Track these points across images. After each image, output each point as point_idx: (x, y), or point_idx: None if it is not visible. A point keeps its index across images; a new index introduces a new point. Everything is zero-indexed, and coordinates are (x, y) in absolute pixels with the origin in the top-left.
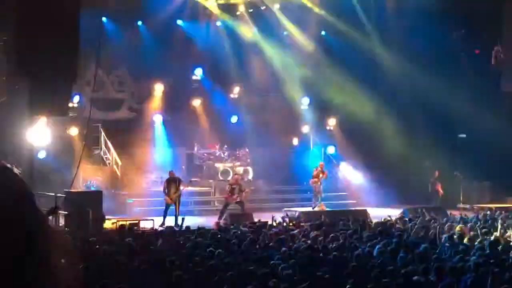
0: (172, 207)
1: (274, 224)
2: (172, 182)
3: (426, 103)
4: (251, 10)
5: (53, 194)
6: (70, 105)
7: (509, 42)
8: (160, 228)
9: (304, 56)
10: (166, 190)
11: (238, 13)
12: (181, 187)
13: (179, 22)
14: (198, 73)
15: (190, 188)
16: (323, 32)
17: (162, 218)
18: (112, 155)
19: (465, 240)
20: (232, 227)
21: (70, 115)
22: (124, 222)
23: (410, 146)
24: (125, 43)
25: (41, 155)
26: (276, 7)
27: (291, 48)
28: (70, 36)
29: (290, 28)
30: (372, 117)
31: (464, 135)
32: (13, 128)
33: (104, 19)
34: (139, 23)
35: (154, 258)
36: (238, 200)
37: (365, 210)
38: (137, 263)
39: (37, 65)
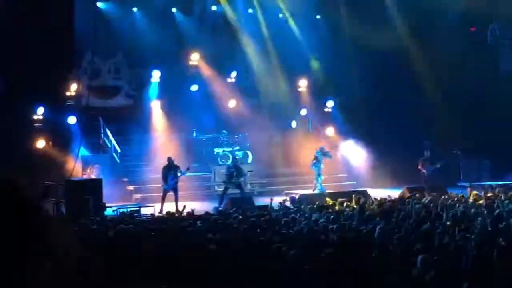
0: (170, 193)
1: (274, 207)
2: (171, 169)
3: (424, 81)
4: None
5: (53, 183)
6: (68, 93)
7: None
8: (159, 215)
9: (300, 38)
10: (165, 177)
11: None
12: (179, 174)
13: (174, 10)
14: (195, 58)
15: (189, 173)
16: (318, 16)
17: (163, 204)
18: (111, 143)
19: (467, 218)
20: (232, 211)
21: (68, 103)
22: (124, 209)
23: (409, 125)
24: (121, 30)
25: (40, 144)
26: None
27: (288, 30)
28: (65, 25)
29: (286, 10)
30: (370, 98)
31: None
32: (12, 118)
33: (99, 5)
34: (135, 9)
35: (157, 244)
36: (237, 184)
37: (365, 191)
38: (140, 250)
39: (33, 54)
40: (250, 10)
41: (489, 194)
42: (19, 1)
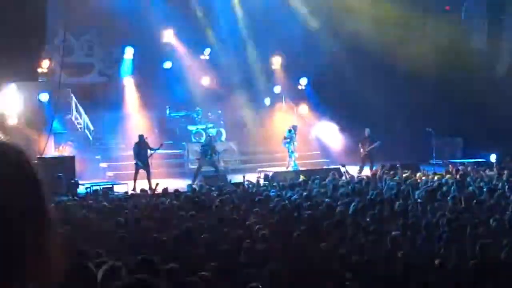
0: (142, 171)
1: (248, 184)
2: (142, 146)
3: (398, 59)
4: None
5: None
6: (40, 70)
7: None
8: (132, 192)
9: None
10: (136, 154)
11: None
12: (150, 152)
13: None
14: (168, 35)
15: (163, 151)
16: None
17: (137, 182)
18: (84, 120)
19: (439, 196)
20: (206, 188)
21: (40, 80)
22: (97, 187)
23: (383, 103)
24: (94, 6)
25: (12, 121)
26: None
27: (262, 6)
28: (37, 1)
29: None
30: (343, 74)
31: (431, 129)
32: None
33: None
34: None
35: (130, 221)
36: (211, 161)
37: (339, 168)
38: (113, 227)
39: (4, 30)
40: None
41: (461, 172)
42: None
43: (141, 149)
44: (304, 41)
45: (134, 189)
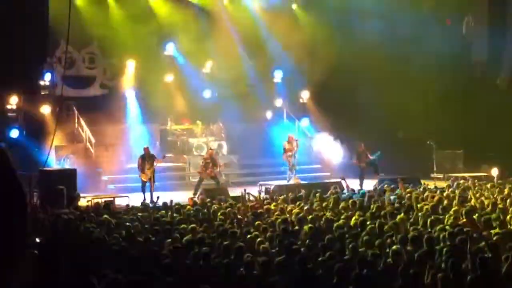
0: (148, 184)
1: (249, 197)
2: (147, 159)
3: (399, 72)
4: None
5: (26, 173)
6: (42, 83)
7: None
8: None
9: (276, 27)
10: (141, 167)
11: None
12: (155, 163)
13: None
14: (170, 48)
15: (164, 164)
16: (293, 6)
17: (142, 194)
18: (85, 133)
19: (440, 210)
20: (207, 202)
21: (42, 93)
22: (99, 200)
23: (384, 116)
24: (96, 19)
25: (14, 134)
26: None
27: (262, 20)
28: (39, 14)
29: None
30: (345, 88)
31: (432, 142)
32: None
33: None
34: None
35: (130, 234)
36: (212, 175)
37: (340, 182)
38: (114, 240)
39: (7, 43)
40: (225, 1)
41: (462, 187)
42: None
43: (145, 161)
44: (306, 54)
45: (144, 201)
